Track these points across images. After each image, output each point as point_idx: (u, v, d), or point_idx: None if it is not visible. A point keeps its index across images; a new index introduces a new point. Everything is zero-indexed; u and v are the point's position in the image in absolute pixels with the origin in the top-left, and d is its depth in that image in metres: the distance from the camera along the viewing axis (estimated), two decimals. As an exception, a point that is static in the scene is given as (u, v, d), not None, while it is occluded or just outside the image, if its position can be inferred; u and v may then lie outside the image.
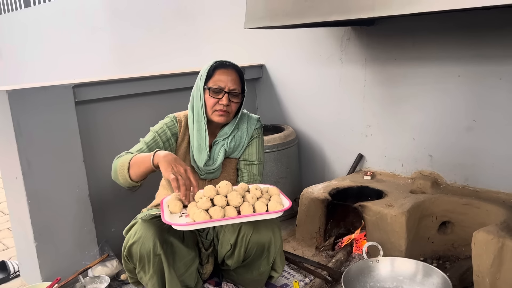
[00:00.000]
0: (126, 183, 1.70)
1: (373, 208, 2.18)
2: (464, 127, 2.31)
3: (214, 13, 3.46)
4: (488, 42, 2.16)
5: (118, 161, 1.71)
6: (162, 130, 1.84)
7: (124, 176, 1.67)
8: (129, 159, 1.67)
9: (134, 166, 1.65)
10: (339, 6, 1.80)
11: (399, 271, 1.89)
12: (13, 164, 2.03)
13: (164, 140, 1.83)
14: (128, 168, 1.66)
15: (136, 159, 1.66)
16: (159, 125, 1.86)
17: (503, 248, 1.70)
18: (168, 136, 1.84)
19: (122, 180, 1.70)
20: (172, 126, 1.86)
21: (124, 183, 1.70)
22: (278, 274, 1.91)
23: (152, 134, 1.83)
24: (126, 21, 4.43)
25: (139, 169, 1.64)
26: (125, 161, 1.68)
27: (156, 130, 1.84)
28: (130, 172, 1.66)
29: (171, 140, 1.85)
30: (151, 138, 1.81)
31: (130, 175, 1.66)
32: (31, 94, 2.02)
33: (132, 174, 1.66)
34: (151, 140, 1.81)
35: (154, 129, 1.85)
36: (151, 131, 1.85)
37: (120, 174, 1.69)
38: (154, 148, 1.79)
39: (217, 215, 1.51)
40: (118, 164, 1.70)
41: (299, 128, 3.08)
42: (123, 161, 1.68)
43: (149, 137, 1.82)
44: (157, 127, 1.86)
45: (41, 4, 5.83)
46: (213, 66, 1.82)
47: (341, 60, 2.76)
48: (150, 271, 1.66)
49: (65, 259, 2.18)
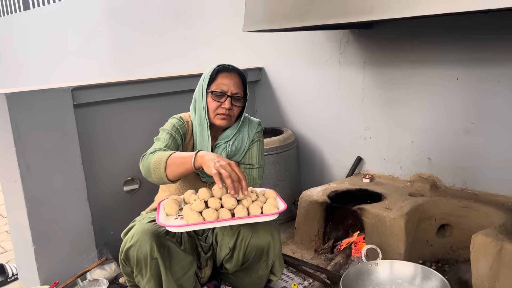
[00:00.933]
0: (160, 181, 1.66)
1: (372, 211, 2.18)
2: (463, 130, 2.31)
3: (213, 16, 3.46)
4: (487, 45, 2.16)
5: (151, 158, 1.65)
6: (176, 129, 1.81)
7: (160, 175, 1.62)
8: (165, 158, 1.62)
9: (172, 166, 1.60)
10: (338, 9, 1.80)
11: (398, 274, 1.89)
12: (12, 167, 2.03)
13: (180, 137, 1.81)
14: (165, 168, 1.61)
15: (174, 159, 1.61)
16: (170, 125, 1.83)
17: (501, 251, 1.70)
18: (181, 134, 1.82)
19: (156, 178, 1.65)
20: (181, 126, 1.85)
21: (158, 181, 1.66)
22: (277, 278, 1.90)
23: (167, 133, 1.79)
24: (125, 24, 4.44)
25: (177, 169, 1.60)
26: (160, 160, 1.62)
27: (170, 128, 1.81)
28: (167, 172, 1.61)
29: (182, 138, 1.84)
30: (170, 136, 1.78)
31: (167, 175, 1.62)
32: (30, 97, 2.02)
33: (169, 174, 1.61)
34: (170, 138, 1.77)
35: (167, 128, 1.82)
36: (164, 130, 1.81)
37: (154, 172, 1.63)
38: (175, 145, 1.76)
39: (210, 217, 1.51)
40: (152, 162, 1.64)
41: (298, 130, 3.08)
42: (158, 159, 1.62)
43: (165, 135, 1.78)
44: (168, 126, 1.82)
45: (41, 7, 5.84)
46: (216, 69, 1.82)
47: (339, 63, 2.76)
48: (147, 274, 1.65)
49: (63, 262, 2.17)
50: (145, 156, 1.70)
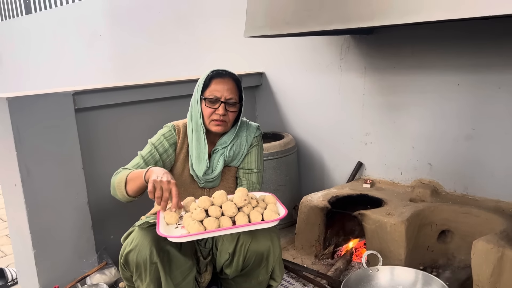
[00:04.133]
0: (124, 198, 1.74)
1: (372, 216, 2.18)
2: (464, 136, 2.31)
3: (215, 21, 3.47)
4: (487, 52, 2.17)
5: (116, 177, 1.75)
6: (160, 142, 1.85)
7: (122, 192, 1.71)
8: (126, 175, 1.70)
9: (130, 182, 1.69)
10: (339, 15, 1.81)
11: (399, 280, 1.89)
12: (12, 171, 2.03)
13: (162, 151, 1.84)
14: (125, 184, 1.69)
15: (132, 175, 1.69)
16: (157, 137, 1.87)
17: (502, 257, 1.70)
18: (165, 147, 1.84)
19: (120, 196, 1.74)
20: (170, 136, 1.86)
21: (123, 199, 1.75)
22: (277, 283, 1.89)
23: (149, 147, 1.85)
24: (127, 29, 4.45)
25: (134, 184, 1.67)
26: (122, 178, 1.71)
27: (154, 142, 1.85)
28: (127, 188, 1.69)
29: (169, 150, 1.85)
30: (148, 151, 1.83)
31: (127, 191, 1.70)
32: (31, 101, 2.02)
33: (129, 190, 1.69)
34: (147, 154, 1.83)
35: (152, 141, 1.87)
36: (149, 143, 1.86)
37: (118, 190, 1.73)
38: (151, 161, 1.81)
39: (211, 226, 1.50)
40: (116, 181, 1.73)
41: (299, 135, 3.08)
42: (120, 177, 1.72)
43: (146, 150, 1.84)
44: (154, 138, 1.87)
45: (42, 11, 5.86)
46: (210, 75, 1.82)
47: (340, 69, 2.77)
48: (147, 279, 1.65)
49: (63, 267, 2.17)
50: (113, 177, 1.78)
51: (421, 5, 1.56)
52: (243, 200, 1.58)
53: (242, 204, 1.57)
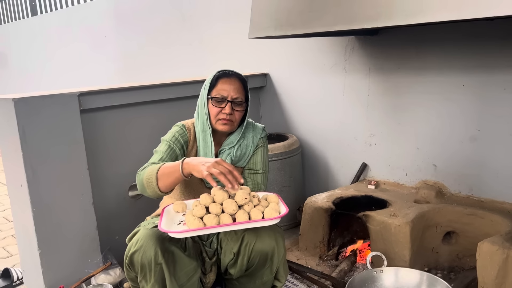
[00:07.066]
0: (155, 195, 1.69)
1: (377, 217, 2.18)
2: (468, 137, 2.31)
3: (219, 22, 3.48)
4: (492, 52, 2.16)
5: (143, 174, 1.70)
6: (175, 139, 1.84)
7: (153, 188, 1.66)
8: (155, 171, 1.66)
9: (163, 177, 1.64)
10: (343, 16, 1.81)
11: (403, 282, 1.88)
12: (18, 171, 2.04)
13: (179, 147, 1.83)
14: (156, 181, 1.65)
15: (163, 170, 1.65)
16: (170, 134, 1.86)
17: (508, 259, 1.69)
18: (181, 144, 1.84)
19: (151, 192, 1.69)
20: (183, 134, 1.87)
21: (153, 195, 1.70)
22: (281, 284, 1.89)
23: (166, 144, 1.82)
24: (132, 30, 4.47)
25: (168, 180, 1.64)
26: (151, 174, 1.66)
27: (169, 139, 1.83)
28: (159, 185, 1.65)
29: (184, 147, 1.86)
30: (167, 148, 1.81)
31: (160, 187, 1.65)
32: (37, 102, 2.03)
33: (161, 186, 1.65)
34: (168, 149, 1.80)
35: (166, 138, 1.84)
36: (163, 140, 1.84)
37: (148, 187, 1.68)
38: (173, 157, 1.78)
39: (211, 223, 1.51)
40: (144, 177, 1.68)
41: (303, 136, 3.08)
42: (150, 173, 1.67)
43: (164, 147, 1.81)
44: (168, 136, 1.85)
45: (48, 13, 5.89)
46: (216, 75, 1.84)
47: (345, 70, 2.77)
48: (152, 280, 1.65)
49: (68, 267, 2.18)
50: (138, 173, 1.74)
51: (425, 6, 1.56)
52: (244, 199, 1.58)
53: (243, 202, 1.58)
